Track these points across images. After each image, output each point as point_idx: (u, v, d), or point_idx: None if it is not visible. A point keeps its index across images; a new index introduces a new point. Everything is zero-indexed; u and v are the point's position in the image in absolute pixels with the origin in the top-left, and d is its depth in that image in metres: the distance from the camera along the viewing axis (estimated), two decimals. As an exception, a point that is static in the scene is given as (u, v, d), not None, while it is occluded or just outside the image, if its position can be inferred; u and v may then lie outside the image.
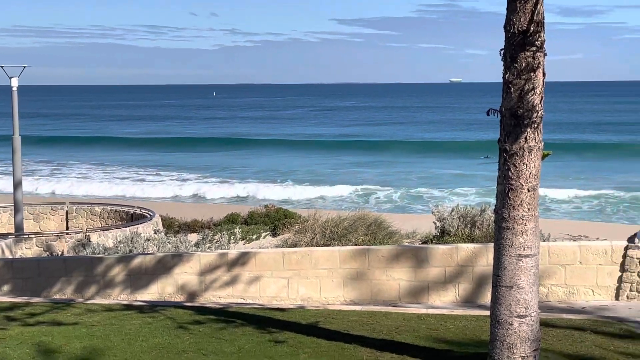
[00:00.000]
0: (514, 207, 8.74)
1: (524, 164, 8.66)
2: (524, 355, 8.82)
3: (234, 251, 16.57)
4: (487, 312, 9.25)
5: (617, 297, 14.88)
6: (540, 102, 8.60)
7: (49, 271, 16.79)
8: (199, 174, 61.98)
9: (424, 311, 12.99)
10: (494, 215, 9.18)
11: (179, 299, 15.80)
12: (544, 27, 8.51)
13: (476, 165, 63.98)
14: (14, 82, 29.00)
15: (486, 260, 14.68)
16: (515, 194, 8.72)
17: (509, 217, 8.77)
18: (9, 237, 26.91)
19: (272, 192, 51.10)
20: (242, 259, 15.78)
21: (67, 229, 31.55)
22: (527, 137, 8.63)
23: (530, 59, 8.49)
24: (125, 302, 14.47)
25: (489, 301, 9.16)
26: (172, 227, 31.03)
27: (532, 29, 8.40)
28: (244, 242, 26.61)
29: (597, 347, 10.27)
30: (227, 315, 12.50)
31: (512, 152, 8.69)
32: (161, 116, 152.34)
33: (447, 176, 58.79)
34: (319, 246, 19.30)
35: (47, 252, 25.75)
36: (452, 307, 14.46)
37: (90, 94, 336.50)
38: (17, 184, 29.20)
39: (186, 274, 15.94)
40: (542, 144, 8.78)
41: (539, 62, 8.53)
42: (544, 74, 8.61)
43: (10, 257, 24.35)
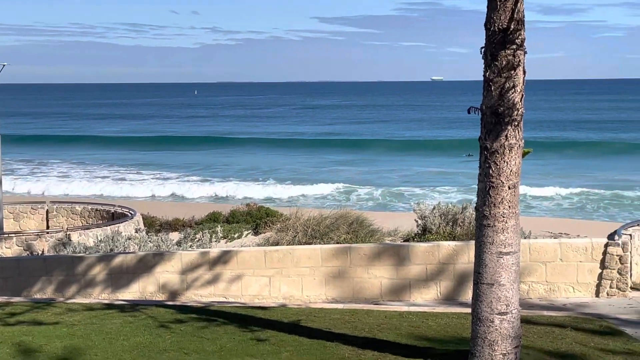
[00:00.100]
0: (494, 204, 8.77)
1: (504, 161, 8.70)
2: (505, 352, 8.85)
3: (215, 250, 16.54)
4: (469, 310, 9.29)
5: (597, 294, 14.97)
6: (520, 100, 8.63)
7: (29, 270, 16.69)
8: (180, 173, 61.82)
9: (405, 309, 13.02)
10: (475, 212, 9.22)
11: (161, 297, 15.75)
12: (524, 25, 8.55)
13: (458, 163, 64.17)
14: (-6, 81, 28.86)
15: (467, 257, 14.72)
16: (496, 192, 8.75)
17: (490, 214, 8.80)
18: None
19: (253, 191, 51.04)
20: (223, 258, 15.75)
21: (48, 228, 31.36)
22: (508, 135, 8.66)
23: (510, 57, 8.51)
24: (106, 301, 14.39)
25: (470, 299, 9.19)
26: (153, 225, 30.94)
27: (512, 27, 8.43)
28: (225, 240, 26.57)
29: (578, 344, 10.33)
30: (208, 314, 12.47)
31: (493, 150, 8.72)
32: (142, 115, 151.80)
33: (429, 174, 58.95)
34: (301, 244, 19.31)
35: (28, 252, 25.59)
36: (434, 304, 14.51)
37: (71, 93, 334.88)
38: (-4, 183, 29.01)
39: (168, 273, 15.89)
40: (523, 141, 8.82)
41: (520, 60, 8.56)
42: (525, 72, 8.65)
43: (-10, 256, 24.16)
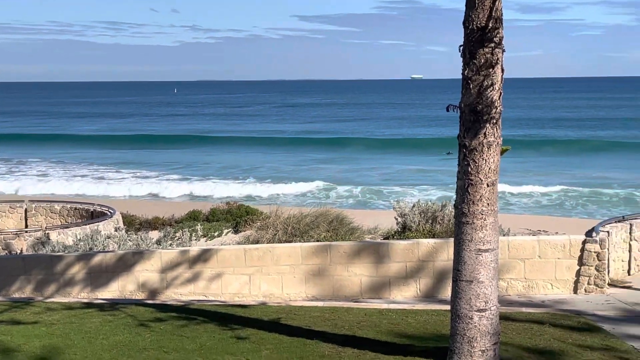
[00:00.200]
0: (473, 202, 8.82)
1: (483, 159, 8.75)
2: (484, 348, 8.91)
3: (195, 248, 16.51)
4: (448, 307, 9.33)
5: (575, 290, 15.08)
6: (499, 98, 8.68)
7: (7, 270, 16.58)
8: (160, 171, 61.56)
9: (385, 306, 13.06)
10: (454, 210, 9.26)
11: (140, 296, 15.70)
12: (502, 24, 8.59)
13: (437, 161, 64.33)
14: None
15: (447, 255, 14.79)
16: (474, 189, 8.80)
17: (469, 212, 8.85)
18: (-33, 235, 26.49)
19: (234, 189, 50.91)
20: (203, 256, 15.73)
21: (26, 227, 31.14)
22: (487, 133, 8.71)
23: (489, 55, 8.56)
24: (85, 301, 14.35)
25: (450, 296, 9.24)
26: (133, 224, 30.80)
27: (490, 25, 8.48)
28: (205, 239, 26.52)
29: (556, 340, 10.41)
30: (188, 312, 12.46)
31: (472, 148, 8.77)
32: (122, 113, 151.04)
33: (409, 172, 59.04)
34: (281, 243, 19.32)
35: (6, 251, 25.41)
36: (413, 302, 14.56)
37: (49, 91, 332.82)
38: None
39: (147, 272, 15.84)
40: (501, 139, 8.87)
41: (498, 58, 8.61)
42: (503, 70, 8.70)
43: (-33, 256, 23.97)
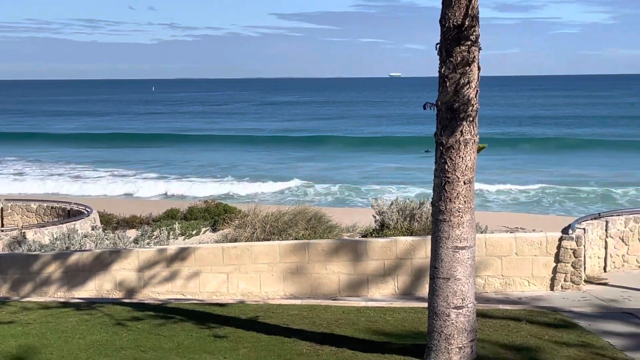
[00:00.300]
0: (450, 199, 8.85)
1: (460, 157, 8.77)
2: (461, 345, 8.94)
3: (173, 247, 16.46)
4: (426, 304, 9.35)
5: (552, 287, 15.17)
6: (475, 96, 8.71)
7: (-17, 269, 16.45)
8: (138, 170, 61.28)
9: (363, 304, 13.07)
10: (431, 208, 9.28)
11: (117, 295, 15.63)
12: (478, 22, 8.62)
13: (416, 159, 64.45)
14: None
15: (424, 252, 14.81)
16: (451, 187, 8.83)
17: (446, 209, 8.87)
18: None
19: (212, 187, 50.79)
20: (181, 255, 15.68)
21: (2, 226, 30.90)
22: (463, 131, 8.74)
23: (465, 53, 8.59)
24: (62, 300, 14.26)
25: (427, 293, 9.25)
26: (110, 223, 30.63)
27: (467, 23, 8.50)
28: (183, 237, 26.42)
29: (533, 337, 10.46)
30: (166, 311, 12.41)
31: (449, 146, 8.79)
32: (99, 111, 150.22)
33: (388, 170, 59.15)
34: (259, 241, 19.28)
35: (-18, 250, 25.20)
36: (391, 299, 14.59)
37: (26, 89, 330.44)
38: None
39: (124, 271, 15.77)
40: (478, 137, 8.90)
41: (474, 56, 8.64)
42: (479, 68, 8.73)
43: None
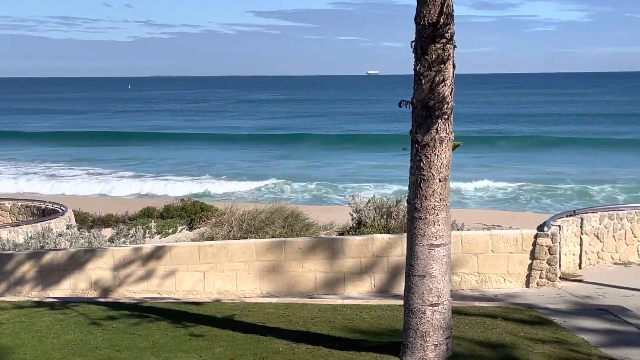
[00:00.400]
0: (426, 197, 8.86)
1: (435, 154, 8.79)
2: (436, 343, 8.95)
3: (148, 245, 16.38)
4: (402, 302, 9.36)
5: (527, 284, 15.25)
6: (450, 94, 8.73)
7: (-44, 269, 16.29)
8: (114, 168, 60.94)
9: (339, 302, 13.07)
10: (407, 205, 9.29)
11: (93, 294, 15.53)
12: (453, 20, 8.64)
13: (393, 157, 64.49)
14: None
15: (401, 250, 14.82)
16: (427, 185, 8.84)
17: (421, 207, 8.89)
18: None
19: (189, 186, 50.60)
20: (157, 253, 15.60)
21: (-24, 225, 30.61)
22: (438, 128, 8.75)
23: (440, 51, 8.60)
24: (36, 299, 14.16)
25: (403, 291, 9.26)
26: (85, 222, 30.41)
27: (442, 21, 8.51)
28: (160, 236, 26.30)
29: (508, 334, 10.50)
30: (141, 310, 12.34)
31: (424, 143, 8.81)
32: (75, 109, 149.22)
33: (365, 168, 59.22)
34: (236, 239, 19.23)
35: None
36: (368, 297, 14.60)
37: (1, 87, 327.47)
38: None
39: (100, 270, 15.67)
40: (453, 135, 8.92)
41: (449, 54, 8.65)
42: (454, 66, 8.74)
43: None
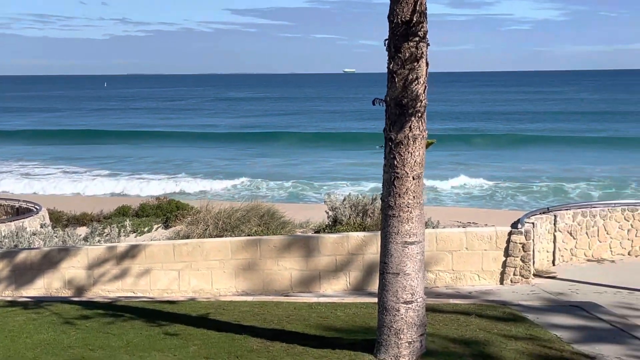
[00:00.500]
0: (399, 195, 8.89)
1: (408, 152, 8.82)
2: (410, 340, 8.99)
3: (123, 244, 16.31)
4: (377, 299, 9.38)
5: (501, 281, 15.34)
6: (424, 92, 8.76)
7: None
8: (90, 167, 60.58)
9: (314, 300, 13.08)
10: (381, 203, 9.32)
11: (67, 294, 15.44)
12: (427, 18, 8.66)
13: (370, 154, 64.56)
14: None
15: (376, 248, 14.84)
16: (400, 182, 8.87)
17: (395, 205, 8.91)
18: None
19: (165, 184, 50.38)
20: (131, 252, 15.53)
21: (-51, 224, 30.32)
22: (412, 126, 8.78)
23: (413, 49, 8.62)
24: (9, 299, 14.08)
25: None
26: (60, 220, 30.22)
27: (415, 19, 8.53)
28: (135, 234, 26.19)
29: (482, 330, 10.56)
30: (115, 309, 12.29)
31: (398, 141, 8.84)
32: (50, 108, 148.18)
33: (342, 166, 59.29)
34: (212, 237, 19.18)
35: None
36: (343, 295, 14.62)
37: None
38: None
39: (74, 269, 15.58)
40: (427, 132, 8.95)
41: (422, 52, 8.68)
42: (427, 64, 8.77)
43: None
